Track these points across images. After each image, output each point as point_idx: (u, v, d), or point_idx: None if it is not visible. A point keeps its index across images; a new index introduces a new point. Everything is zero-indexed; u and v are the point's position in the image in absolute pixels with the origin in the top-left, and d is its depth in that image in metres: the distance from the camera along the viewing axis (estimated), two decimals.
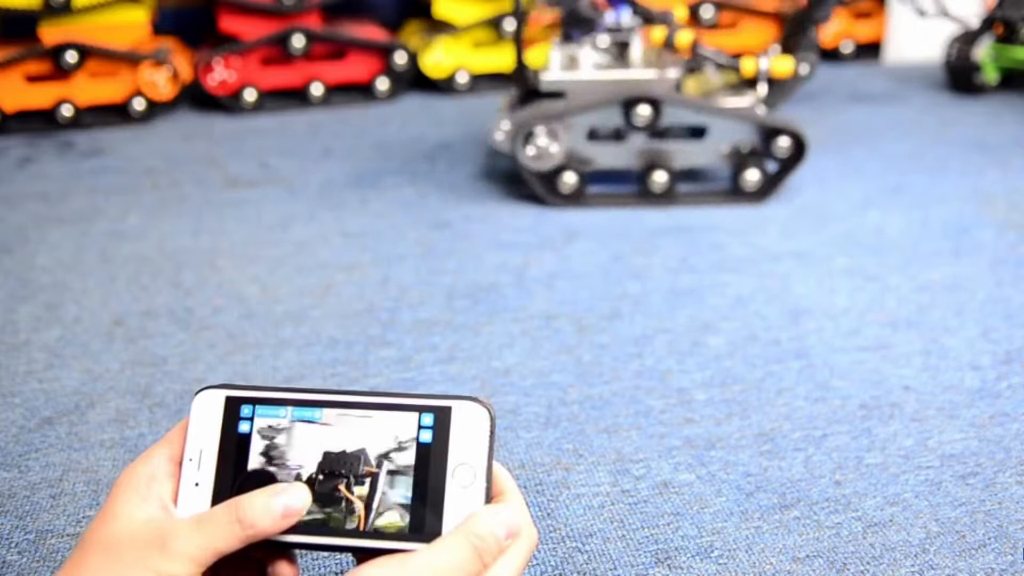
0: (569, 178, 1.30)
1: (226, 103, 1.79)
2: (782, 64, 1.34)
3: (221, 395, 0.46)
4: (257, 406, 0.46)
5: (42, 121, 1.69)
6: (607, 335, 0.97)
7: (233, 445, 0.45)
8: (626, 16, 1.37)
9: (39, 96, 1.68)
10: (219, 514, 0.42)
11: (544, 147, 1.27)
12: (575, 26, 1.34)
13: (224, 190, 1.40)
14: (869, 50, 2.18)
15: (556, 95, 1.33)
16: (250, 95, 1.79)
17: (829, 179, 1.41)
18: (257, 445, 0.45)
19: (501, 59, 1.94)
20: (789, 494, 0.73)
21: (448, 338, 0.97)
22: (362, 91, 1.87)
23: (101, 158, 1.54)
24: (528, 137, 1.28)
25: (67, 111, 1.68)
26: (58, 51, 1.65)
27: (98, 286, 1.09)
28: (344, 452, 0.44)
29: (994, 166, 1.46)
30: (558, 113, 1.28)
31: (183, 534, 0.41)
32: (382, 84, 1.86)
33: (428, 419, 0.44)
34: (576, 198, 1.32)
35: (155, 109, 1.73)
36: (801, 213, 1.29)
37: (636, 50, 1.35)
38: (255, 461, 0.45)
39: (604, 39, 1.37)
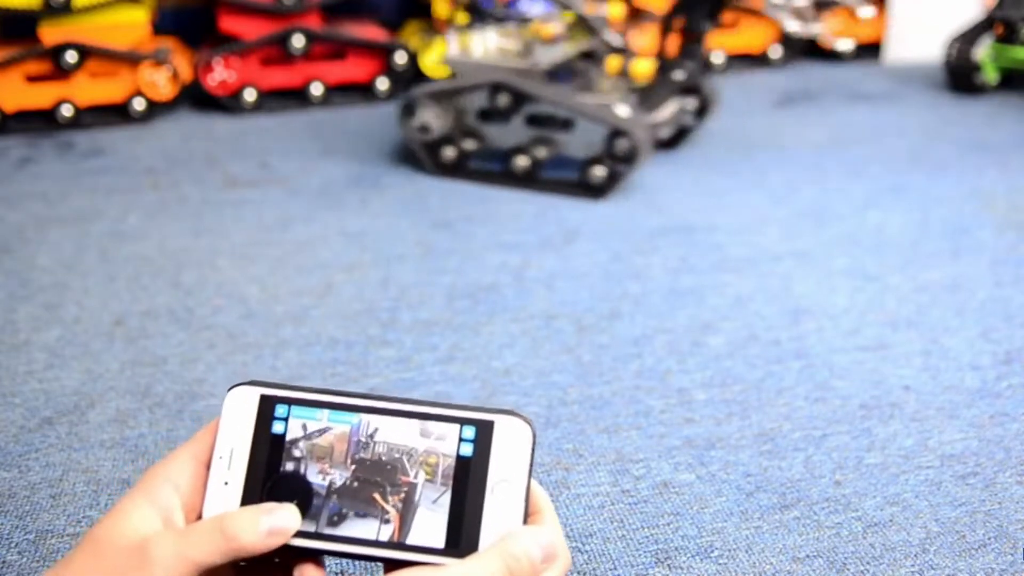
0: (449, 152, 1.41)
1: (226, 103, 1.78)
2: (641, 66, 1.38)
3: (256, 393, 0.45)
4: (293, 406, 0.44)
5: (42, 121, 1.69)
6: (607, 335, 0.97)
7: (266, 445, 0.44)
8: (537, 8, 1.43)
9: (39, 96, 1.68)
10: (204, 526, 0.41)
11: (427, 121, 1.40)
12: (474, 15, 1.44)
13: (224, 190, 1.39)
14: (869, 50, 2.18)
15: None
16: (250, 95, 1.78)
17: (829, 179, 1.41)
18: (291, 447, 0.44)
19: None
20: (789, 494, 0.73)
21: (448, 338, 0.97)
22: (362, 91, 1.87)
23: (101, 158, 1.54)
24: (411, 110, 1.41)
25: (67, 111, 1.68)
26: (58, 51, 1.65)
27: (98, 286, 1.09)
28: (381, 460, 0.43)
29: (994, 166, 1.46)
30: (436, 91, 1.39)
31: (164, 542, 0.40)
32: (382, 84, 1.86)
33: (470, 432, 0.43)
34: (454, 170, 1.42)
35: (155, 109, 1.73)
36: (801, 213, 1.29)
37: (535, 41, 1.41)
38: (289, 463, 0.44)
39: (512, 27, 1.45)
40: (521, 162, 1.36)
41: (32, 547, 0.68)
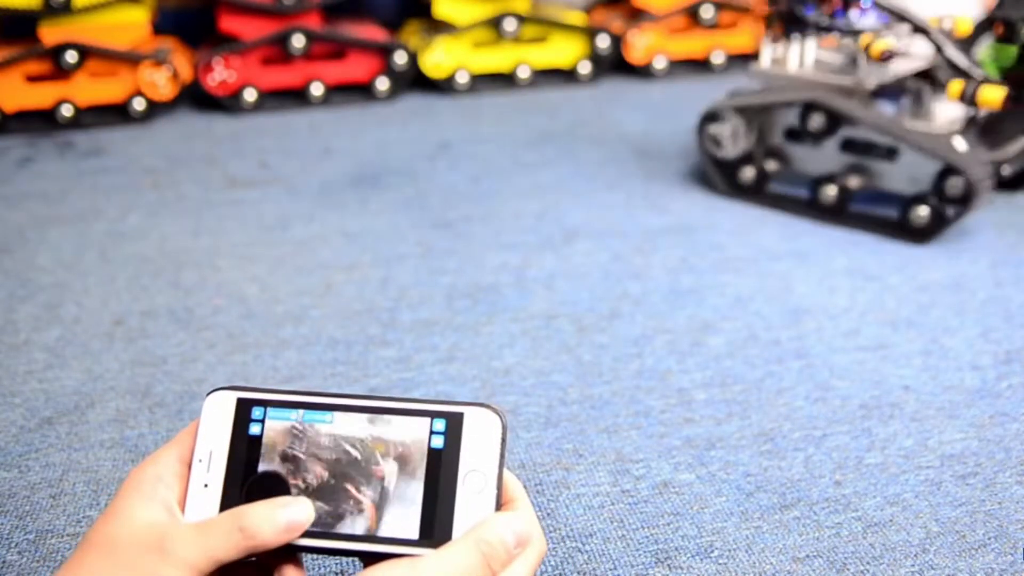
0: (748, 172, 1.28)
1: (226, 103, 1.78)
2: (990, 92, 1.16)
3: (232, 396, 0.46)
4: (268, 408, 0.46)
5: (42, 121, 1.69)
6: (607, 335, 0.97)
7: (244, 447, 0.45)
8: (868, 19, 1.26)
9: (39, 96, 1.68)
10: (221, 521, 0.42)
11: (727, 136, 1.26)
12: (790, 24, 1.28)
13: (224, 190, 1.39)
14: None
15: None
16: (250, 95, 1.78)
17: None
18: (268, 447, 0.45)
19: (501, 59, 1.94)
20: (789, 494, 0.73)
21: (448, 338, 0.97)
22: (362, 91, 1.87)
23: (101, 158, 1.54)
24: (711, 123, 1.29)
25: (67, 111, 1.68)
26: (58, 51, 1.65)
27: (98, 286, 1.09)
28: (355, 455, 0.44)
29: None
30: (743, 105, 1.27)
31: (183, 539, 0.40)
32: (382, 84, 1.86)
33: (440, 425, 0.44)
34: (752, 193, 1.30)
35: (155, 109, 1.73)
36: (801, 213, 1.28)
37: (861, 55, 1.23)
38: (265, 463, 0.45)
39: (838, 39, 1.29)
40: (830, 191, 1.21)
41: (32, 547, 0.68)
